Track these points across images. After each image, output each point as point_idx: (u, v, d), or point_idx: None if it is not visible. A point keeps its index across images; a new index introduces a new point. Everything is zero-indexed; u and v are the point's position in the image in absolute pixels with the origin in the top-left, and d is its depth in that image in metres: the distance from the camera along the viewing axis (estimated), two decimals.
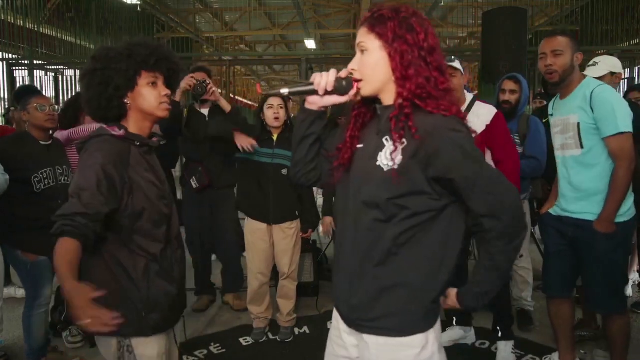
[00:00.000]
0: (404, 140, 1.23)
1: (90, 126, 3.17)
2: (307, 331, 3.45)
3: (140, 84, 1.53)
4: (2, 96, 7.48)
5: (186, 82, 3.19)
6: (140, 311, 1.51)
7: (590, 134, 2.30)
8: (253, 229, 3.20)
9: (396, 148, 1.23)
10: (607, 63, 3.14)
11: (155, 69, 1.54)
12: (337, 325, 1.45)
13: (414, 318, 1.26)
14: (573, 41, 2.36)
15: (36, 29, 8.83)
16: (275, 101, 3.14)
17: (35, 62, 7.82)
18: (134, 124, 1.57)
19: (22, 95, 2.88)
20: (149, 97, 1.54)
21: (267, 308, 3.34)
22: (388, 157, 1.24)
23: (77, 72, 7.55)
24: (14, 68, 7.34)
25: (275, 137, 3.18)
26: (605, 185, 2.31)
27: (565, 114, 2.40)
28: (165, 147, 3.81)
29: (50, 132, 2.85)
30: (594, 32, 8.94)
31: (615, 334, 2.45)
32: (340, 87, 1.30)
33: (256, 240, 3.20)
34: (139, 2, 9.84)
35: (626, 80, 6.92)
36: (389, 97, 1.29)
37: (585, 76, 2.42)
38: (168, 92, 1.58)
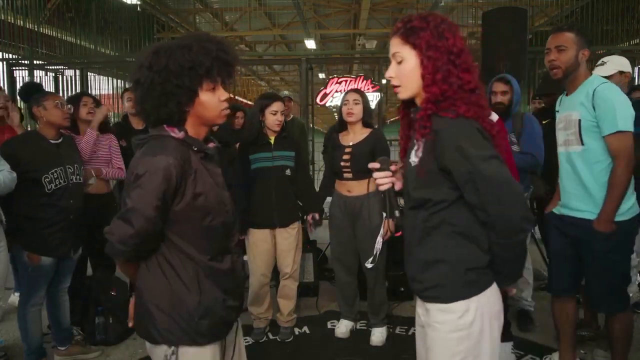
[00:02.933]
0: (423, 139, 1.42)
1: (89, 135, 3.15)
2: (307, 331, 3.45)
3: (200, 93, 1.44)
4: None
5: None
6: (193, 316, 1.46)
7: (591, 131, 2.30)
8: (255, 232, 3.20)
9: (418, 147, 1.44)
10: (616, 62, 3.14)
11: (216, 76, 1.45)
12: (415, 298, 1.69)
13: (453, 288, 1.44)
14: (580, 37, 2.33)
15: (36, 29, 8.83)
16: (279, 107, 3.13)
17: (35, 62, 7.81)
18: (191, 128, 1.48)
19: (33, 92, 2.88)
20: (210, 105, 1.46)
21: (267, 308, 3.34)
22: (414, 154, 1.46)
23: (77, 72, 7.54)
24: (14, 68, 7.33)
25: (272, 140, 3.17)
26: (604, 184, 2.30)
27: (569, 110, 2.40)
28: None
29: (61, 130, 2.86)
30: (594, 32, 8.94)
31: (617, 333, 2.45)
32: (386, 169, 1.59)
33: (258, 242, 3.20)
34: (139, 2, 9.84)
35: None
36: (421, 99, 1.47)
37: (591, 73, 2.41)
38: (227, 95, 1.50)
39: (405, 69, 1.44)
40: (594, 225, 2.31)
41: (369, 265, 3.16)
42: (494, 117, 2.77)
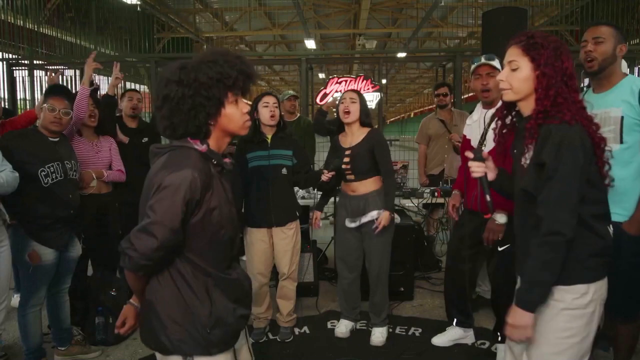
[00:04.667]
0: (533, 142, 1.60)
1: (83, 91, 3.15)
2: (307, 331, 3.46)
3: (226, 104, 1.48)
4: (2, 96, 7.47)
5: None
6: (205, 327, 1.48)
7: (633, 129, 2.23)
8: (252, 231, 3.21)
9: (528, 150, 1.63)
10: None
11: (240, 88, 1.49)
12: None
13: (575, 272, 1.59)
14: (617, 32, 2.30)
15: (36, 29, 8.84)
16: (270, 100, 3.14)
17: (35, 62, 7.82)
18: (214, 141, 1.52)
19: (46, 94, 2.94)
20: (235, 117, 1.50)
21: (267, 308, 3.34)
22: (526, 156, 1.65)
23: (77, 72, 7.54)
24: (14, 68, 7.32)
25: (269, 138, 3.17)
26: (636, 185, 2.24)
27: (605, 107, 2.29)
28: (150, 144, 3.86)
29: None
30: None
31: (625, 339, 2.42)
32: (478, 159, 1.82)
33: (255, 241, 3.19)
34: (139, 2, 9.84)
35: None
36: (526, 106, 1.68)
37: (626, 73, 2.36)
38: (248, 107, 1.54)
39: (518, 76, 1.64)
40: (624, 227, 2.23)
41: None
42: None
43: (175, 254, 1.47)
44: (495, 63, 2.81)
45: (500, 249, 2.75)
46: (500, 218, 2.67)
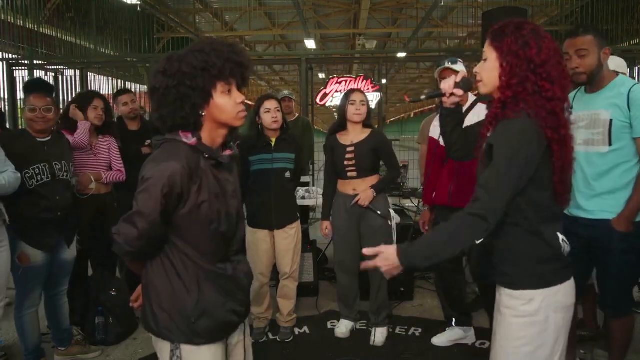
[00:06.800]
0: (488, 132, 1.55)
1: (84, 125, 3.20)
2: (307, 331, 3.46)
3: (215, 95, 1.43)
4: (2, 96, 7.47)
5: None
6: (190, 317, 1.48)
7: (622, 132, 2.25)
8: (254, 231, 3.21)
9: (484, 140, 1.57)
10: (614, 62, 3.12)
11: (230, 77, 1.45)
12: None
13: (520, 277, 1.54)
14: (598, 38, 2.27)
15: (36, 29, 8.84)
16: (272, 104, 3.13)
17: (35, 62, 7.80)
18: (207, 134, 1.48)
19: (25, 91, 2.91)
20: (226, 107, 1.45)
21: (267, 308, 3.34)
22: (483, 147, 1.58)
23: (77, 72, 7.54)
24: (14, 68, 7.31)
25: (273, 142, 3.17)
26: (626, 184, 2.27)
27: (595, 109, 2.32)
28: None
29: (52, 128, 2.85)
30: None
31: (618, 334, 2.44)
32: (461, 87, 1.78)
33: (257, 242, 3.20)
34: (139, 2, 9.84)
35: None
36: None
37: (617, 73, 2.37)
38: (243, 98, 1.49)
39: (486, 67, 1.58)
40: (612, 224, 2.27)
41: None
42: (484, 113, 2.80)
43: (163, 243, 1.49)
44: (458, 67, 2.85)
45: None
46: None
